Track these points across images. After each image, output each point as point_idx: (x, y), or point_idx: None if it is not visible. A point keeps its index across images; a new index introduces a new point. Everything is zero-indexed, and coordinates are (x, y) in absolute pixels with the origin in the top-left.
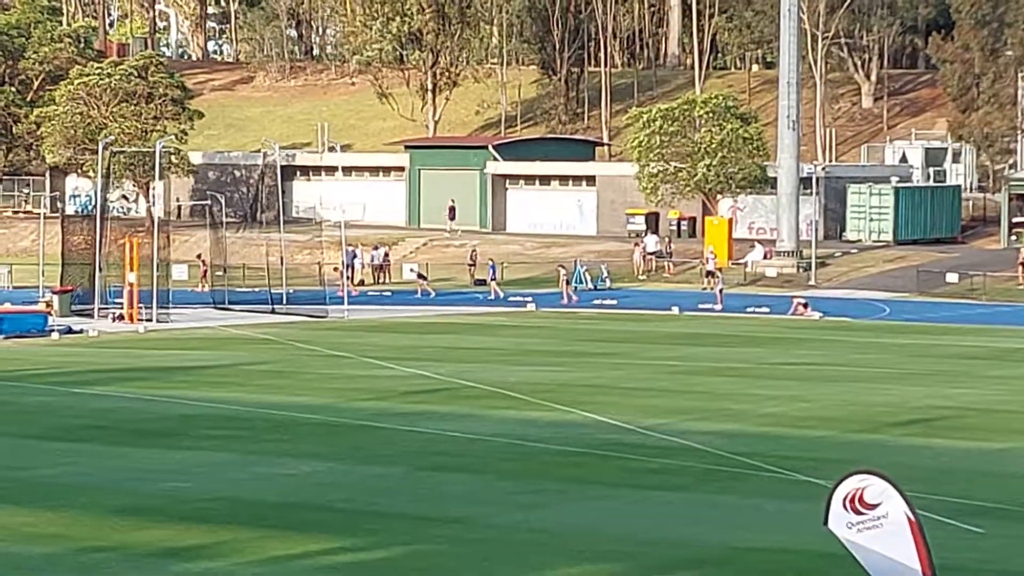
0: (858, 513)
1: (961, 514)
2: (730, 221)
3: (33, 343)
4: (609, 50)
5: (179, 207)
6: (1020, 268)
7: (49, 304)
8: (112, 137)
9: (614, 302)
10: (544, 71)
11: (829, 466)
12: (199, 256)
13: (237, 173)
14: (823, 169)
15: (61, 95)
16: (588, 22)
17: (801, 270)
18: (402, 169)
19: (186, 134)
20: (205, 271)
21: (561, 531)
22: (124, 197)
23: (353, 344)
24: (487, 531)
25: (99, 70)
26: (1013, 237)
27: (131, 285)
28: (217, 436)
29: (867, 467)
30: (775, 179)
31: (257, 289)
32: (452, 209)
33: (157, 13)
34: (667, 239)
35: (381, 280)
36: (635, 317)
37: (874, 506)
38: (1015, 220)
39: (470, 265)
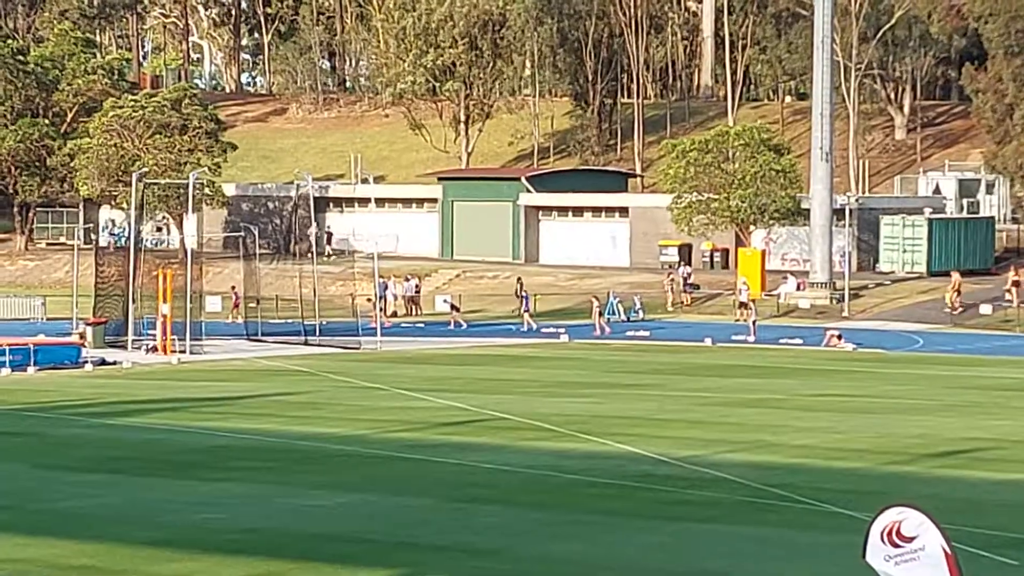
0: (896, 546)
1: (995, 546)
2: (763, 252)
3: (66, 375)
4: (642, 81)
5: (209, 238)
6: (1013, 289)
7: (82, 336)
8: (146, 169)
9: (647, 334)
10: (577, 102)
11: (863, 498)
12: (232, 288)
13: (270, 204)
14: (856, 200)
15: (95, 127)
16: (621, 54)
17: (834, 301)
18: (435, 201)
19: (219, 166)
20: (237, 302)
21: (594, 563)
22: (158, 228)
23: (386, 375)
24: (520, 563)
25: (133, 102)
26: None
27: (164, 316)
28: (251, 468)
29: (904, 500)
30: (808, 210)
31: (290, 320)
32: (330, 235)
33: (191, 45)
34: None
35: (414, 312)
36: (668, 348)
37: (911, 539)
38: None
39: (520, 297)
